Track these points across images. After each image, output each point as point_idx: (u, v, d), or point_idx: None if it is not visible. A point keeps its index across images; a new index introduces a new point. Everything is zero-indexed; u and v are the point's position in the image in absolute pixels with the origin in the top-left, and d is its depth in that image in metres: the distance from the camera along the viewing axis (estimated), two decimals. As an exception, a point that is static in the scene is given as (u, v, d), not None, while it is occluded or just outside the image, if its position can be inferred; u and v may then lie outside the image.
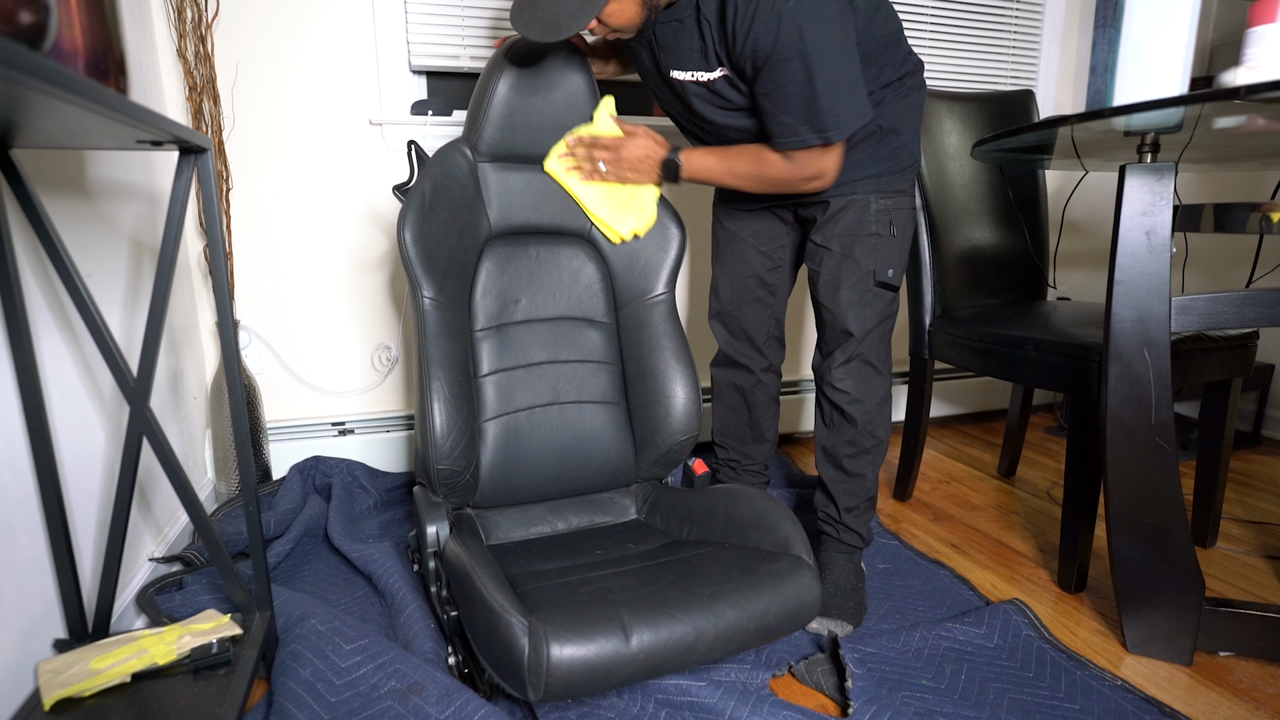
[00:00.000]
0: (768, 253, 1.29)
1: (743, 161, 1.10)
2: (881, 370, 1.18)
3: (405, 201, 1.07)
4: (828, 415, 1.21)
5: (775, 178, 1.08)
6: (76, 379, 0.96)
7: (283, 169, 1.58)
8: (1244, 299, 0.95)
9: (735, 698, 0.88)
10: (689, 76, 1.08)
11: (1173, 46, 0.91)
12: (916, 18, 1.94)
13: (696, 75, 1.07)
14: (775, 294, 1.33)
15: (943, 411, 2.26)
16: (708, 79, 1.07)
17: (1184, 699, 0.96)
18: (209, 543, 0.91)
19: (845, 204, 1.14)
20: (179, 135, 0.72)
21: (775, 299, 1.33)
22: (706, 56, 1.04)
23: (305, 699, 0.87)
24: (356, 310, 1.69)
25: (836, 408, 1.18)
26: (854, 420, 1.17)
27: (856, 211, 1.14)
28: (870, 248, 1.14)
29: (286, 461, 1.66)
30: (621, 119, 1.19)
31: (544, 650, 0.75)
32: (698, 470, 1.41)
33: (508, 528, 1.15)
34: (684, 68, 1.08)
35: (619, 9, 0.99)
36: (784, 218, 1.27)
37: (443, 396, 1.04)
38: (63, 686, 0.75)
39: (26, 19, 0.50)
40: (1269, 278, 1.93)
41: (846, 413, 1.17)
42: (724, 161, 1.12)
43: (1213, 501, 1.35)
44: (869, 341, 1.16)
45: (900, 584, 1.25)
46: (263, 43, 1.52)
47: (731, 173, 1.12)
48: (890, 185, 1.14)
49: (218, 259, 0.88)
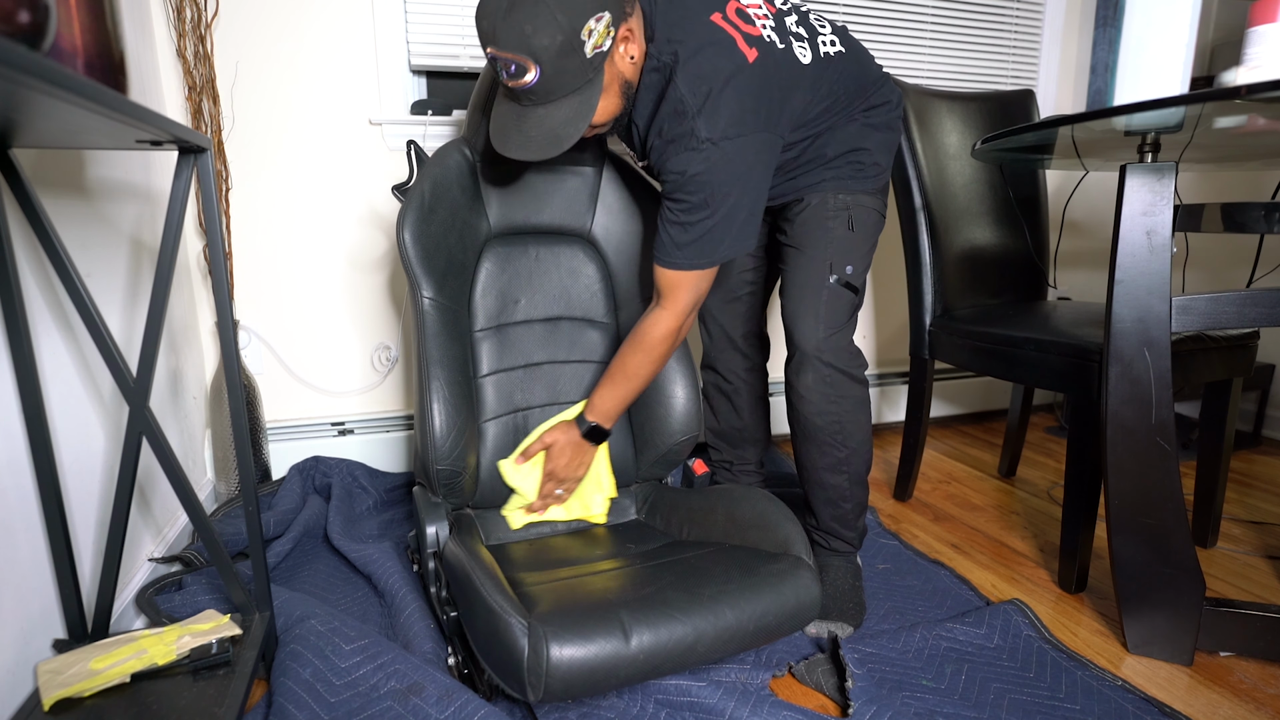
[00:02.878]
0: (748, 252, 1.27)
1: (630, 361, 1.09)
2: (852, 375, 1.10)
3: (405, 201, 1.07)
4: (798, 428, 1.14)
5: (658, 338, 1.07)
6: (76, 379, 0.96)
7: (282, 169, 1.58)
8: (1244, 299, 0.95)
9: (735, 698, 0.88)
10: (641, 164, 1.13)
11: (1173, 46, 0.91)
12: (916, 18, 1.94)
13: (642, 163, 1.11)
14: (756, 294, 1.33)
15: (943, 411, 2.25)
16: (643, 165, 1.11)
17: (1184, 699, 0.96)
18: (208, 543, 0.91)
19: (806, 200, 1.12)
20: (178, 135, 0.72)
21: (754, 298, 1.33)
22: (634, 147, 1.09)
23: (305, 699, 0.87)
24: (356, 310, 1.69)
25: (804, 419, 1.12)
26: (821, 431, 1.11)
27: (816, 205, 1.11)
28: (827, 240, 1.10)
29: (286, 461, 1.66)
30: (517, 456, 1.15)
31: (543, 651, 0.75)
32: (697, 470, 1.41)
33: (507, 528, 1.15)
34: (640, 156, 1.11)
35: (604, 106, 0.96)
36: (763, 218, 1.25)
37: (442, 396, 1.04)
38: (62, 687, 0.75)
39: (25, 19, 0.50)
40: (1269, 278, 1.93)
41: (814, 424, 1.11)
42: (619, 379, 1.10)
43: (1213, 501, 1.35)
44: (830, 345, 1.08)
45: (900, 584, 1.25)
46: (262, 42, 1.52)
47: (632, 376, 1.10)
48: (852, 186, 1.11)
49: (217, 259, 0.88)
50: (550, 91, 0.91)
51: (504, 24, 0.86)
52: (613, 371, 1.10)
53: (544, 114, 0.93)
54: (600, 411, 1.12)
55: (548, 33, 0.85)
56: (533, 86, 0.90)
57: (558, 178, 1.21)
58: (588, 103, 0.93)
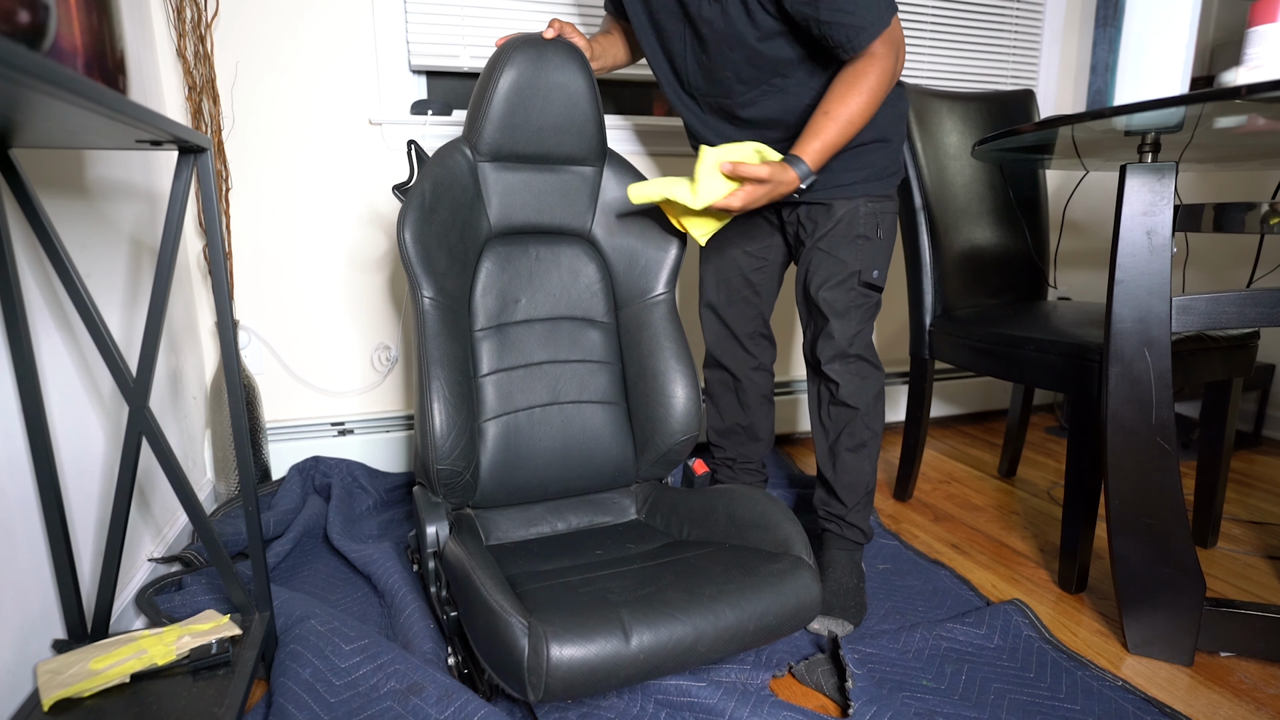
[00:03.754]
0: (753, 253, 1.30)
1: (853, 105, 1.02)
2: (876, 364, 1.20)
3: (405, 201, 1.07)
4: (825, 412, 1.22)
5: (880, 81, 1.01)
6: (76, 379, 0.96)
7: (282, 169, 1.58)
8: (1244, 299, 0.95)
9: (735, 698, 0.88)
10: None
11: (1173, 46, 0.91)
12: (916, 18, 1.94)
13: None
14: (761, 293, 1.34)
15: (943, 411, 2.25)
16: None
17: (1185, 699, 0.96)
18: (208, 543, 0.91)
19: (836, 207, 1.16)
20: (178, 135, 0.72)
21: (761, 299, 1.34)
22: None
23: (305, 699, 0.87)
24: (356, 310, 1.69)
25: (835, 403, 1.19)
26: (851, 414, 1.19)
27: (847, 214, 1.16)
28: (859, 249, 1.16)
29: (286, 461, 1.66)
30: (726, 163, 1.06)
31: (544, 651, 0.74)
32: (698, 470, 1.41)
33: (507, 528, 1.15)
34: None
35: None
36: (769, 219, 1.28)
37: (442, 396, 1.04)
38: (62, 687, 0.75)
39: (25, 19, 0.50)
40: (1269, 278, 1.93)
41: (846, 405, 1.18)
42: (840, 123, 1.03)
43: (1213, 501, 1.35)
44: (860, 340, 1.18)
45: (900, 584, 1.25)
46: (262, 43, 1.52)
47: (854, 120, 1.03)
48: (878, 190, 1.17)
49: (217, 259, 0.88)
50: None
51: None
52: (831, 117, 1.03)
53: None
54: (818, 158, 1.05)
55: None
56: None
57: (558, 178, 1.21)
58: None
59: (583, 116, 1.19)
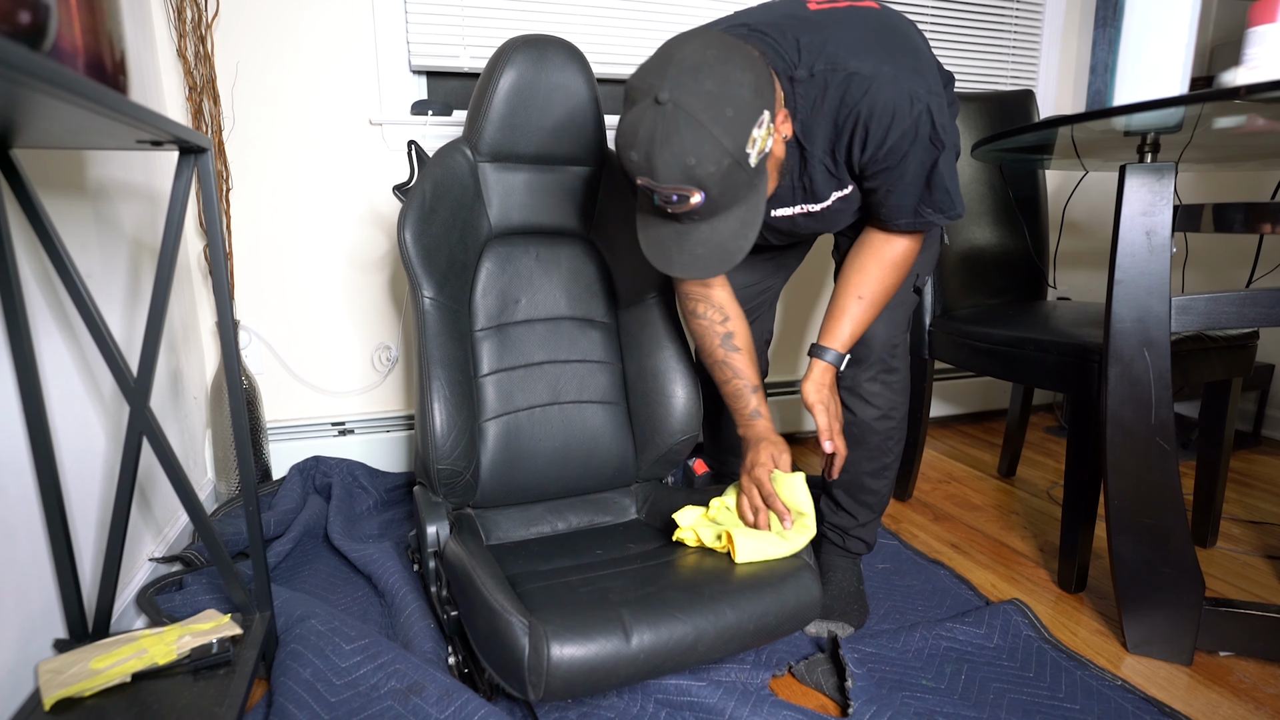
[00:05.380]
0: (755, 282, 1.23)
1: (887, 282, 1.00)
2: (906, 375, 1.14)
3: (405, 201, 1.07)
4: (853, 431, 1.12)
5: (915, 253, 1.01)
6: (76, 379, 0.96)
7: (283, 169, 1.58)
8: (1244, 299, 0.95)
9: (735, 698, 0.88)
10: (794, 211, 1.01)
11: (1173, 46, 0.91)
12: (917, 18, 1.94)
13: (805, 207, 1.00)
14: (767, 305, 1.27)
15: (943, 411, 2.26)
16: (819, 208, 0.99)
17: (1184, 699, 0.96)
18: (209, 543, 0.91)
19: None
20: (179, 135, 0.72)
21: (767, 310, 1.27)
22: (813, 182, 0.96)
23: (305, 699, 0.87)
24: (356, 310, 1.69)
25: (864, 424, 1.11)
26: (877, 435, 1.11)
27: None
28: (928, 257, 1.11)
29: (286, 461, 1.66)
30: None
31: (544, 650, 0.75)
32: (698, 470, 1.41)
33: (508, 528, 1.15)
34: (786, 205, 1.00)
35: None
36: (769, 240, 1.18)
37: (443, 396, 1.04)
38: (63, 686, 0.75)
39: (26, 19, 0.50)
40: (1269, 278, 1.93)
41: (874, 429, 1.11)
42: (870, 303, 1.00)
43: (1213, 501, 1.35)
44: (901, 346, 1.12)
45: (900, 584, 1.25)
46: (263, 43, 1.52)
47: (883, 297, 1.01)
48: None
49: (218, 259, 0.88)
50: (716, 209, 0.82)
51: (660, 157, 0.76)
52: (866, 301, 1.01)
53: (709, 230, 0.84)
54: (850, 342, 1.02)
55: (712, 159, 0.76)
56: (698, 209, 0.81)
57: (559, 178, 1.22)
58: (754, 208, 0.84)
59: (583, 117, 1.19)
